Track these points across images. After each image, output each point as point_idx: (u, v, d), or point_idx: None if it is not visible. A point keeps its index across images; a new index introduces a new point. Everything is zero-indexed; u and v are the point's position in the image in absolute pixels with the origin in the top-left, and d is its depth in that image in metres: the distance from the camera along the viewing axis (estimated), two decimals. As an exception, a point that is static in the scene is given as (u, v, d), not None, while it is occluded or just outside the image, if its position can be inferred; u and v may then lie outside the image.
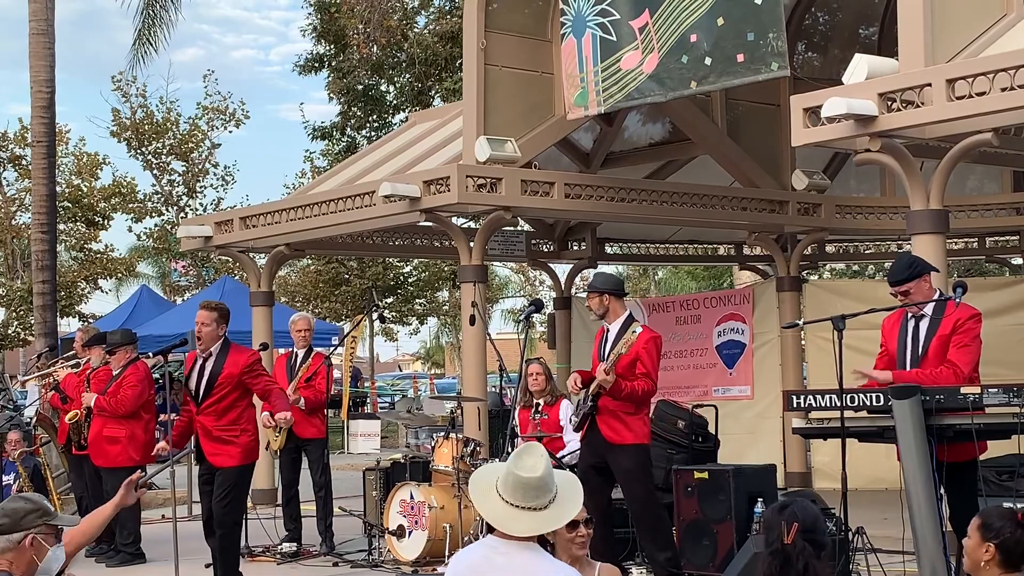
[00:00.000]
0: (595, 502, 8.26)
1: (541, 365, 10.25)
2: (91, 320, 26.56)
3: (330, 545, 10.69)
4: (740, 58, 9.85)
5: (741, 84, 10.29)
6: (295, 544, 10.54)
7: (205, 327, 8.45)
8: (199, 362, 8.55)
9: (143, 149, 29.60)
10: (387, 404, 30.19)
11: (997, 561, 4.47)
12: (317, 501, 10.80)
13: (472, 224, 13.64)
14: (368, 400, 30.46)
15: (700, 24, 10.11)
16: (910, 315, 7.00)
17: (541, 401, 10.05)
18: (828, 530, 4.59)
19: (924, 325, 6.95)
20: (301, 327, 11.17)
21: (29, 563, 4.51)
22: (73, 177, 29.88)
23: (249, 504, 10.99)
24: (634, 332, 8.11)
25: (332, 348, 12.77)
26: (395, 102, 27.73)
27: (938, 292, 7.06)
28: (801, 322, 10.10)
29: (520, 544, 3.91)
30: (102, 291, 32.00)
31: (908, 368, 6.93)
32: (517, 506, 3.92)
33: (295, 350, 11.10)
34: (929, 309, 6.93)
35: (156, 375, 11.31)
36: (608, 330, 8.42)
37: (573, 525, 4.54)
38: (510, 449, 8.72)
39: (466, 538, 9.39)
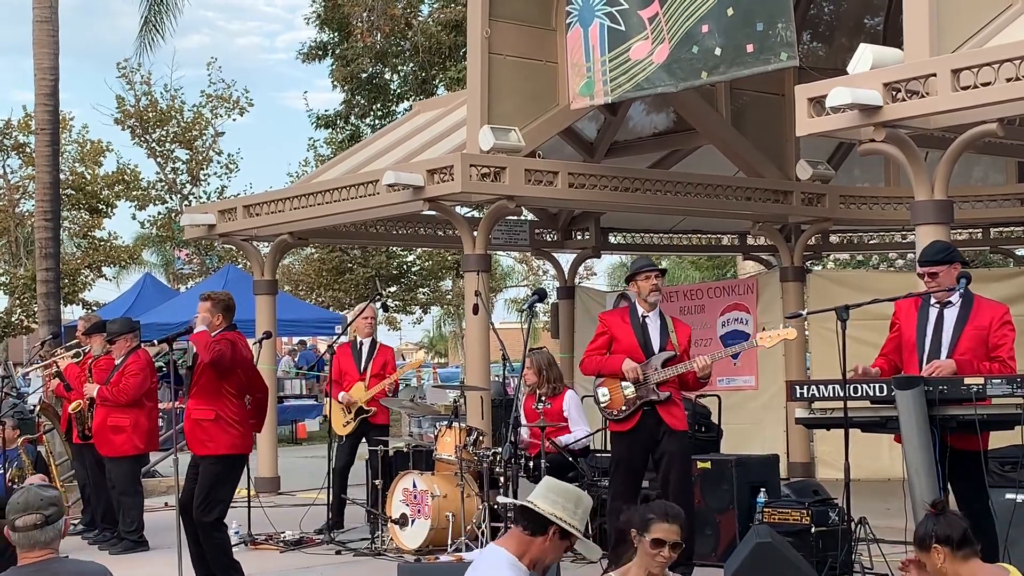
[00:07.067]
0: (636, 490, 8.28)
1: (534, 363, 10.20)
2: (95, 308, 26.56)
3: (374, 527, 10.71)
4: (750, 48, 9.83)
5: (751, 75, 10.27)
6: (299, 531, 10.56)
7: (199, 316, 8.44)
8: None
9: (147, 137, 29.60)
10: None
11: (950, 556, 4.78)
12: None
13: (476, 213, 13.66)
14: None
15: (710, 14, 10.09)
16: (933, 301, 6.85)
17: (542, 392, 10.07)
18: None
19: (951, 313, 6.80)
20: (368, 315, 11.31)
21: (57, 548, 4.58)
22: (76, 164, 29.84)
23: (252, 492, 11.03)
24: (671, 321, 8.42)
25: (335, 337, 12.79)
26: (399, 91, 27.68)
27: (962, 284, 6.86)
28: (805, 312, 10.06)
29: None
30: (106, 279, 32.01)
31: (927, 353, 6.79)
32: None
33: (359, 339, 11.17)
34: (956, 298, 6.79)
35: (160, 363, 11.32)
36: (645, 316, 8.34)
37: (657, 543, 4.66)
38: (513, 438, 8.73)
39: (468, 527, 9.41)
